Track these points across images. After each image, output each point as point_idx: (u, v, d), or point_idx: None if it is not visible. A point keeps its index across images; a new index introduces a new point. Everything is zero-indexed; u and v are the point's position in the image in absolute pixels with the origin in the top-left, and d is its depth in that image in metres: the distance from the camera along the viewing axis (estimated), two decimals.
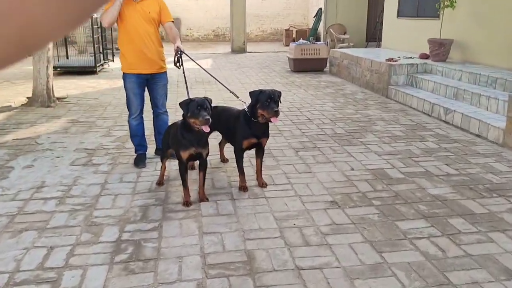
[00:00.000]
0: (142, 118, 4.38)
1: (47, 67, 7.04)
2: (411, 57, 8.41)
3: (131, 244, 2.94)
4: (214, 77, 4.49)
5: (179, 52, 4.12)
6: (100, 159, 4.59)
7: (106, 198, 3.64)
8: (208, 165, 4.21)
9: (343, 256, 2.79)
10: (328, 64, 10.96)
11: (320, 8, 15.88)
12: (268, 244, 2.93)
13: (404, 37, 9.77)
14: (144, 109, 4.45)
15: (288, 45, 18.04)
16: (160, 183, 3.99)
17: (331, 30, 13.77)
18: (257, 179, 3.94)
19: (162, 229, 3.14)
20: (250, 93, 3.62)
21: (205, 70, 4.58)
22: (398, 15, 10.03)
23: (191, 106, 3.26)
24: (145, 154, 4.45)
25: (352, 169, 4.32)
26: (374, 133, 5.56)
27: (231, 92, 4.10)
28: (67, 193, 3.74)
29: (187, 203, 3.49)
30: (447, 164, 4.43)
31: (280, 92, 3.64)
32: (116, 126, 5.90)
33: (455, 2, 7.50)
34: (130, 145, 5.06)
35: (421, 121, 6.17)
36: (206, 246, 2.91)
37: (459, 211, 3.41)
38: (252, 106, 3.59)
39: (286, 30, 18.50)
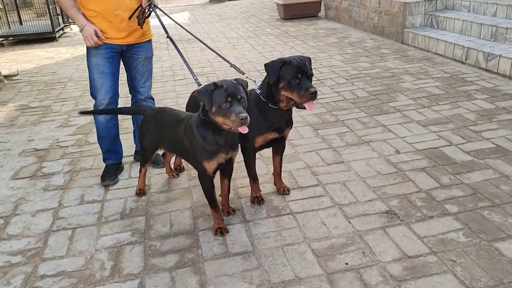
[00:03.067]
0: None
1: None
2: None
3: None
4: (204, 43, 3.17)
5: (151, 7, 2.81)
6: (54, 166, 3.37)
7: (60, 237, 2.47)
8: (190, 167, 3.06)
9: None
10: (323, 8, 9.55)
11: None
12: None
13: None
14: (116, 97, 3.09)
15: None
16: (141, 191, 2.84)
17: None
18: (275, 183, 2.79)
19: None
20: (267, 65, 2.37)
21: (195, 35, 3.26)
22: None
23: (216, 96, 2.03)
24: (119, 164, 3.17)
25: (397, 152, 3.19)
26: (406, 94, 4.39)
27: (231, 65, 2.81)
28: (2, 231, 2.56)
29: (221, 230, 2.37)
30: None
31: (310, 60, 2.41)
32: (77, 110, 4.62)
33: None
34: (94, 138, 3.82)
35: (456, 71, 4.99)
36: None
37: None
38: (269, 86, 2.36)
39: None
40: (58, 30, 9.31)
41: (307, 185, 2.84)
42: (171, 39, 2.85)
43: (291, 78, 2.26)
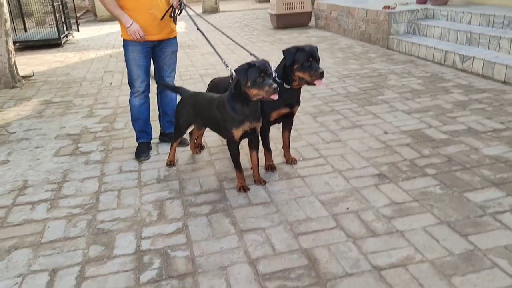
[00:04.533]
0: (147, 97, 3.60)
1: (6, 41, 6.07)
2: (407, 3, 7.77)
3: (155, 255, 2.31)
4: (234, 41, 3.72)
5: (181, 5, 3.35)
6: (89, 146, 3.87)
7: (108, 196, 2.97)
8: (209, 145, 3.60)
9: (423, 245, 2.26)
10: (313, 18, 10.22)
11: None
12: (326, 239, 2.36)
13: None
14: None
15: (261, 2, 17.07)
16: (171, 163, 3.35)
17: None
18: (284, 155, 3.34)
19: (189, 230, 2.52)
20: (285, 51, 2.94)
21: (221, 31, 3.79)
22: None
23: (251, 73, 2.57)
24: (149, 143, 3.70)
25: (386, 133, 3.77)
26: (391, 89, 5.00)
27: (250, 53, 3.39)
28: (58, 193, 3.04)
29: (243, 188, 2.90)
30: (488, 118, 3.92)
31: (317, 48, 2.98)
32: (98, 104, 5.12)
33: None
34: (120, 125, 4.37)
35: (436, 71, 5.63)
36: (251, 248, 2.32)
37: None
38: (285, 68, 2.92)
39: None
40: (63, 37, 9.78)
41: (311, 157, 3.39)
42: (201, 31, 3.41)
43: (303, 61, 2.84)
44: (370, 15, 7.60)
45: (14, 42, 9.12)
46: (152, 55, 3.54)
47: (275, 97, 2.57)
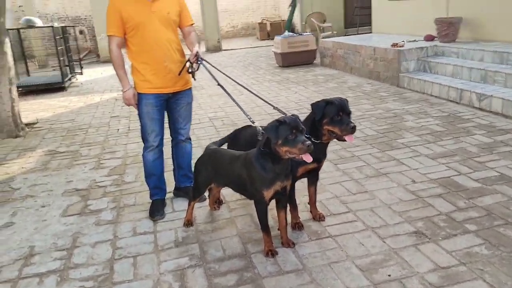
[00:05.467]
0: (161, 151, 3.40)
1: (10, 90, 5.94)
2: (415, 40, 7.73)
3: None
4: (257, 95, 3.56)
5: (198, 60, 3.19)
6: (99, 203, 3.64)
7: (124, 264, 2.72)
8: (227, 199, 3.37)
9: None
10: (318, 56, 10.21)
11: None
12: None
13: (398, 19, 9.11)
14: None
15: (263, 39, 17.27)
16: (189, 222, 3.12)
17: (311, 19, 13.00)
18: (311, 211, 3.11)
19: None
20: (313, 105, 2.77)
21: (240, 83, 3.62)
22: None
23: (282, 131, 2.39)
24: (164, 200, 3.47)
25: (414, 182, 3.55)
26: (410, 131, 4.82)
27: (274, 107, 3.19)
28: (68, 261, 2.79)
29: (271, 252, 2.65)
30: None
31: (347, 101, 2.80)
32: (106, 154, 4.92)
33: None
34: (130, 177, 4.15)
35: (452, 110, 5.48)
36: None
37: None
38: (313, 122, 2.74)
39: (259, 23, 17.65)
40: (67, 80, 9.71)
41: (339, 212, 3.16)
42: (221, 86, 3.22)
43: (334, 115, 2.66)
44: (378, 53, 7.53)
45: (17, 87, 9.05)
46: (166, 107, 3.37)
47: (309, 158, 2.37)
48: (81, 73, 10.89)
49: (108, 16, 3.11)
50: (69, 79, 10.06)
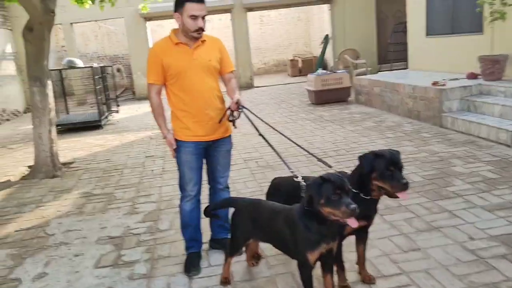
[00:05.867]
0: (199, 201, 3.25)
1: (49, 130, 6.02)
2: (456, 79, 7.45)
3: None
4: (299, 145, 3.38)
5: (239, 107, 3.07)
6: (132, 253, 3.49)
7: None
8: (266, 253, 3.13)
9: None
10: (352, 93, 10.03)
11: (327, 35, 15.19)
12: None
13: (437, 57, 8.87)
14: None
15: (295, 76, 17.30)
16: (226, 280, 2.91)
17: (345, 56, 12.92)
18: (359, 272, 2.85)
19: None
20: (361, 157, 2.57)
21: (283, 134, 3.41)
22: (427, 34, 9.17)
23: (325, 189, 2.20)
24: (200, 252, 3.30)
25: (471, 238, 3.24)
26: (460, 178, 4.50)
27: (318, 159, 2.99)
28: None
29: None
30: None
31: (399, 153, 2.60)
32: (141, 197, 4.83)
33: (505, 13, 6.60)
34: (165, 225, 4.01)
35: (504, 154, 5.12)
36: None
37: None
38: (361, 176, 2.53)
39: (291, 60, 17.73)
40: (103, 118, 9.88)
41: (390, 273, 2.88)
42: (263, 137, 3.06)
43: (384, 170, 2.44)
44: (418, 91, 7.29)
45: (56, 125, 9.25)
46: (205, 155, 3.24)
47: (353, 223, 2.16)
48: (117, 111, 11.08)
49: (149, 63, 3.05)
50: (106, 117, 10.24)
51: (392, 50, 13.86)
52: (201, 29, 2.98)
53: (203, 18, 2.98)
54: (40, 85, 5.88)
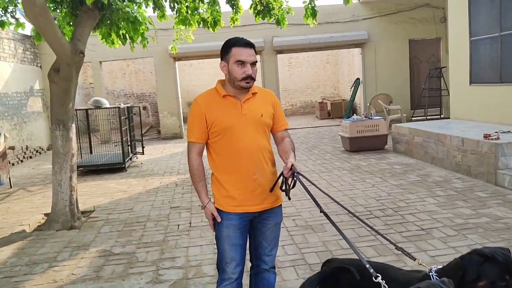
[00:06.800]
0: (240, 285, 2.67)
1: (70, 177, 5.61)
2: (509, 131, 6.82)
3: None
4: (365, 223, 2.83)
5: (295, 174, 2.55)
6: None
7: None
8: None
9: None
10: (390, 141, 9.45)
11: (358, 78, 14.82)
12: None
13: (483, 106, 8.28)
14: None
15: (323, 119, 16.86)
16: None
17: (378, 101, 12.43)
18: None
19: None
20: (464, 259, 1.96)
21: (339, 204, 2.77)
22: (471, 82, 8.63)
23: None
24: None
25: None
26: None
27: (397, 247, 2.34)
28: None
29: None
30: None
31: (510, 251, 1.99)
32: (165, 260, 4.27)
33: None
34: None
35: None
36: None
37: None
38: (463, 282, 1.93)
39: (319, 103, 17.34)
40: (127, 160, 9.51)
41: None
42: (325, 214, 2.47)
43: (496, 279, 1.83)
44: (468, 144, 6.66)
45: (78, 166, 8.89)
46: (250, 228, 2.70)
47: None
48: (142, 153, 10.73)
49: (191, 119, 2.60)
50: (130, 159, 9.88)
51: (427, 96, 13.33)
52: (250, 77, 2.53)
53: (252, 64, 2.53)
54: (63, 128, 5.52)
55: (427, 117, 13.16)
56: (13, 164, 10.79)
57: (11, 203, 7.07)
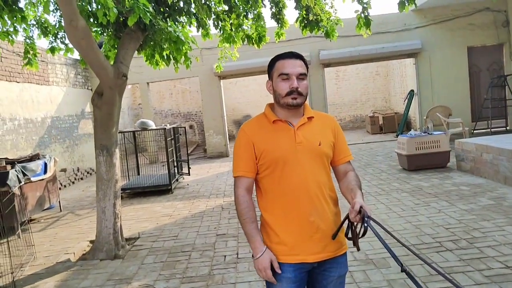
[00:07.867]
0: None
1: (114, 204, 5.39)
2: None
3: None
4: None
5: (363, 220, 2.07)
6: None
7: None
8: None
9: None
10: (453, 158, 8.65)
11: (412, 90, 14.01)
12: None
13: None
14: None
15: (375, 133, 16.06)
16: None
17: (437, 113, 11.59)
18: None
19: None
20: None
21: (418, 256, 2.34)
22: None
23: None
24: None
25: None
26: None
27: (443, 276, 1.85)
28: None
29: None
30: None
31: None
32: None
33: None
34: None
35: None
36: None
37: None
38: None
39: (370, 117, 16.55)
40: (174, 181, 9.32)
41: None
42: (407, 273, 1.98)
43: None
44: None
45: (123, 189, 8.79)
46: (308, 280, 2.24)
47: None
48: (188, 174, 10.53)
49: (237, 150, 2.21)
50: (176, 180, 9.69)
51: (489, 107, 12.31)
52: (297, 92, 2.11)
53: (300, 78, 2.12)
54: (107, 154, 5.33)
55: (491, 130, 12.12)
56: (64, 186, 10.94)
57: (59, 228, 7.00)
